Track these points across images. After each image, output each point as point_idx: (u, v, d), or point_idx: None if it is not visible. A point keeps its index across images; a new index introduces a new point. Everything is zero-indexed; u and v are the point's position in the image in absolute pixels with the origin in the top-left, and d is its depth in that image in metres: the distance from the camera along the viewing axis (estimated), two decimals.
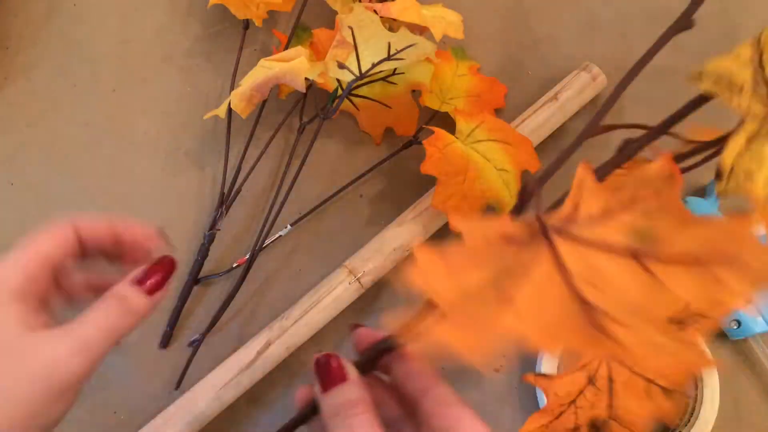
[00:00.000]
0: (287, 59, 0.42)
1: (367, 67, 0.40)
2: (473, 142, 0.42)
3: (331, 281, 0.42)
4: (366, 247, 0.43)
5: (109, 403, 0.44)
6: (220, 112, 0.43)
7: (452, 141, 0.41)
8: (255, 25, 0.50)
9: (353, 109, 0.48)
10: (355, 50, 0.40)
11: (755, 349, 0.44)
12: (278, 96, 0.50)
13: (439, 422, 0.26)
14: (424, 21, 0.44)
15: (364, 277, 0.42)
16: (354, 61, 0.40)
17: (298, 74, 0.40)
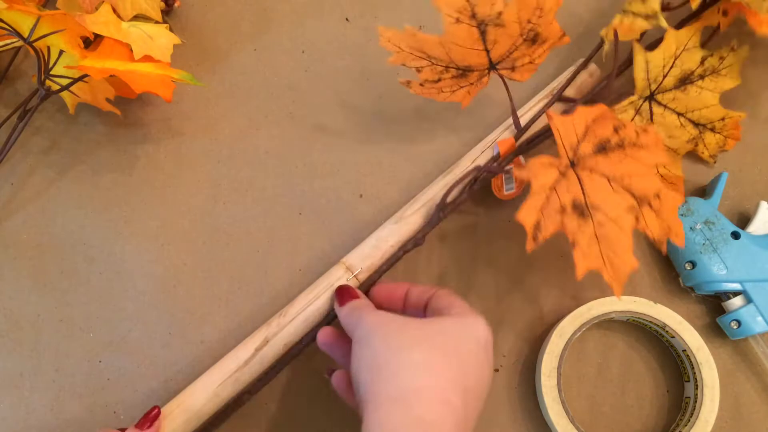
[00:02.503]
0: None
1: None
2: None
3: (329, 278, 0.42)
4: (363, 244, 0.43)
5: (109, 403, 0.44)
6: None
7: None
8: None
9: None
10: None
11: (755, 349, 0.44)
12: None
13: (438, 302, 0.37)
14: (126, 38, 0.45)
15: (362, 274, 0.42)
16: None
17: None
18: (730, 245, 0.44)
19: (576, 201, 0.37)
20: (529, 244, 0.36)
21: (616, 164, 0.38)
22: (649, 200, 0.38)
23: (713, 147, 0.46)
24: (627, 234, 0.37)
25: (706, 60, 0.44)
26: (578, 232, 0.37)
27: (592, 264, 0.37)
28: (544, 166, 0.37)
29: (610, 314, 0.44)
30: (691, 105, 0.44)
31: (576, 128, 0.38)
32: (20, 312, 0.46)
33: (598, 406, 0.45)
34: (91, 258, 0.47)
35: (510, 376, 0.45)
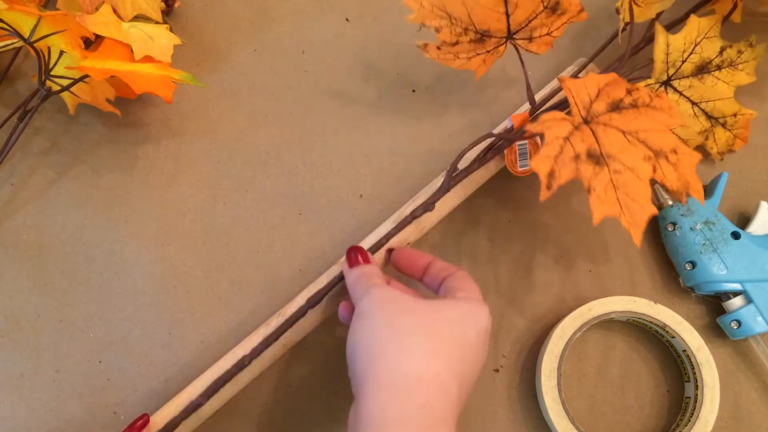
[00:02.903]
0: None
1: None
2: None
3: (330, 277, 0.42)
4: (362, 244, 0.43)
5: (109, 403, 0.44)
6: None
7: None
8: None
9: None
10: None
11: (755, 349, 0.44)
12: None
13: (453, 283, 0.38)
14: (126, 38, 0.45)
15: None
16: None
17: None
18: (730, 245, 0.44)
19: (591, 150, 0.37)
20: (543, 193, 0.35)
21: (630, 120, 0.38)
22: (665, 154, 0.38)
23: (722, 144, 0.46)
24: (644, 182, 0.37)
25: (725, 51, 0.44)
26: (594, 178, 0.36)
27: (609, 210, 0.36)
28: (558, 120, 0.36)
29: (610, 314, 0.44)
30: (706, 95, 0.44)
31: (589, 90, 0.38)
32: (20, 312, 0.46)
33: (598, 407, 0.45)
34: (91, 258, 0.47)
35: (510, 376, 0.45)
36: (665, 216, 0.46)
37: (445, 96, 0.51)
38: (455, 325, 0.34)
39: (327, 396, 0.45)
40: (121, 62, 0.44)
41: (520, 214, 0.48)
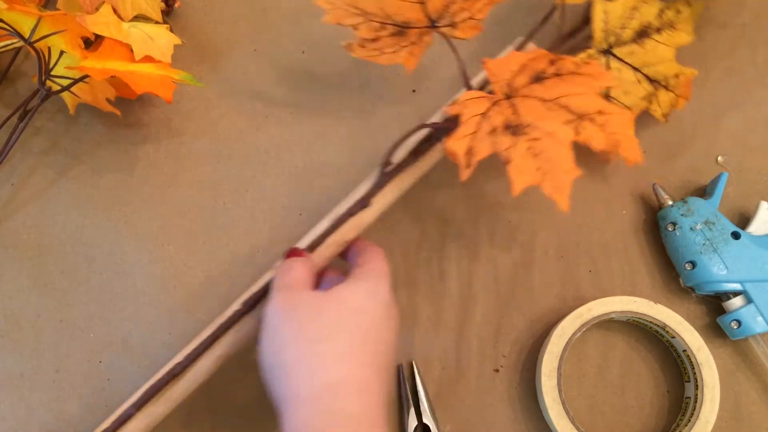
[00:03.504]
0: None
1: None
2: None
3: (265, 281, 0.40)
4: (299, 244, 0.41)
5: (109, 403, 0.44)
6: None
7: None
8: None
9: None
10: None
11: (755, 349, 0.44)
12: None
13: (353, 257, 0.39)
14: (126, 38, 0.45)
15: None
16: None
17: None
18: (730, 245, 0.44)
19: (508, 121, 0.36)
20: (462, 173, 0.35)
21: (551, 88, 0.37)
22: (590, 116, 0.37)
23: (666, 105, 0.46)
24: (566, 145, 0.36)
25: (664, 12, 0.43)
26: (512, 149, 0.36)
27: (529, 179, 0.35)
28: (475, 99, 0.36)
29: (610, 314, 0.44)
30: (647, 59, 0.43)
31: (511, 67, 0.37)
32: (20, 312, 0.46)
33: (598, 407, 0.45)
34: (91, 258, 0.47)
35: (510, 376, 0.45)
36: (665, 216, 0.46)
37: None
38: (360, 312, 0.33)
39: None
40: (121, 62, 0.44)
41: (520, 214, 0.48)
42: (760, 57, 0.51)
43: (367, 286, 0.35)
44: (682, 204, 0.45)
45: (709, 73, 0.50)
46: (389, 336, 0.34)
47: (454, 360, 0.45)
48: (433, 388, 0.45)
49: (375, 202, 0.41)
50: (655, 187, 0.47)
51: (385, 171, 0.41)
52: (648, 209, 0.48)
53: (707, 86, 0.50)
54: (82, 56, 0.43)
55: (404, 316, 0.46)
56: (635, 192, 0.48)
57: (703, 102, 0.50)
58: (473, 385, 0.45)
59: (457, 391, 0.45)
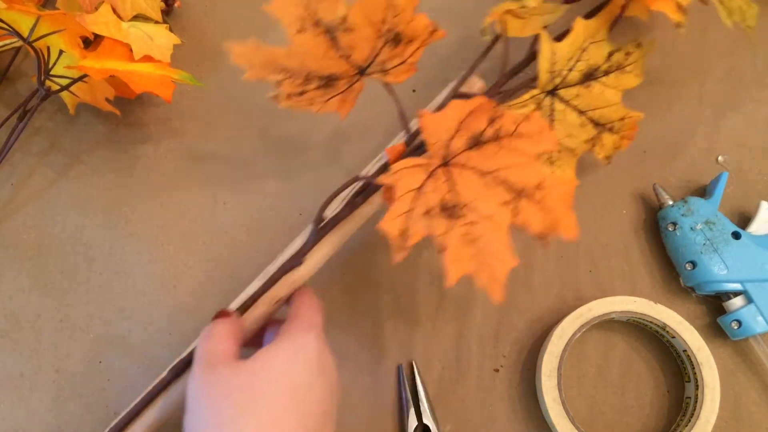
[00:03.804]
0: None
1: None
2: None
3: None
4: (231, 305, 0.40)
5: (109, 403, 0.44)
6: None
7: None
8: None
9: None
10: None
11: (755, 349, 0.44)
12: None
13: (289, 312, 0.38)
14: (125, 38, 0.44)
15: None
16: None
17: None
18: (730, 245, 0.44)
19: (444, 201, 0.34)
20: (396, 255, 0.33)
21: (489, 158, 0.35)
22: (529, 192, 0.35)
23: (609, 148, 0.43)
24: (503, 231, 0.35)
25: (613, 55, 0.41)
26: (447, 235, 0.34)
27: (465, 268, 0.34)
28: (410, 169, 0.34)
29: (611, 314, 0.44)
30: (593, 103, 0.41)
31: (448, 123, 0.35)
32: (20, 312, 0.46)
33: (598, 407, 0.45)
34: (91, 258, 0.47)
35: (510, 376, 0.45)
36: (665, 216, 0.46)
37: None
38: (279, 379, 0.31)
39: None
40: (121, 62, 0.44)
41: None
42: (760, 57, 0.51)
43: (287, 347, 0.33)
44: (682, 204, 0.45)
45: (709, 73, 0.50)
46: (321, 394, 0.32)
47: (454, 360, 0.45)
48: (433, 388, 0.45)
49: (309, 258, 0.39)
50: (655, 187, 0.47)
51: (318, 227, 0.39)
52: (648, 209, 0.48)
53: (707, 86, 0.50)
54: (82, 56, 0.43)
55: (404, 316, 0.46)
56: (635, 192, 0.48)
57: (703, 102, 0.50)
58: (473, 385, 0.45)
59: (457, 391, 0.45)
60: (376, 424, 0.44)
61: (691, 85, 0.50)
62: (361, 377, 0.45)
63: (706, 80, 0.50)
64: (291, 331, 0.35)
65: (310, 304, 0.37)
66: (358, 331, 0.46)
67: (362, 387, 0.45)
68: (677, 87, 0.50)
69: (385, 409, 0.44)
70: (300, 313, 0.37)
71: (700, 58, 0.50)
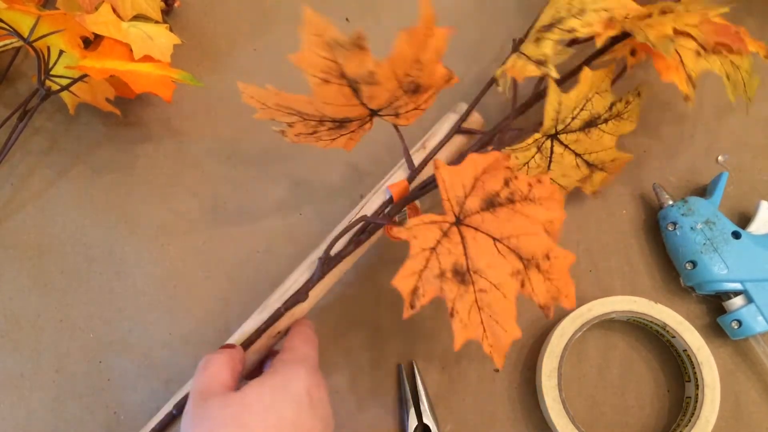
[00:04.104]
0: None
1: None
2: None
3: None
4: (232, 339, 0.40)
5: (109, 403, 0.44)
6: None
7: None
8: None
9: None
10: None
11: (755, 349, 0.44)
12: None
13: (286, 342, 0.38)
14: (125, 38, 0.44)
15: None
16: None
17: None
18: (730, 245, 0.44)
19: (457, 265, 0.35)
20: (406, 312, 0.34)
21: (504, 222, 0.36)
22: (537, 262, 0.36)
23: (596, 184, 0.45)
24: (511, 301, 0.35)
25: (615, 105, 0.43)
26: (458, 299, 0.35)
27: (471, 334, 0.35)
28: (426, 226, 0.34)
29: (611, 314, 0.44)
30: (590, 147, 0.43)
31: (464, 180, 0.35)
32: (20, 312, 0.46)
33: (598, 406, 0.45)
34: (91, 258, 0.47)
35: (510, 376, 0.45)
36: (665, 216, 0.46)
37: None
38: (269, 410, 0.32)
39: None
40: (121, 62, 0.44)
41: None
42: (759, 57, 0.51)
43: (273, 382, 0.33)
44: (682, 204, 0.45)
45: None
46: (310, 429, 0.32)
47: (454, 360, 0.45)
48: (433, 388, 0.45)
49: (311, 292, 0.40)
50: (655, 187, 0.47)
51: (324, 263, 0.40)
52: (648, 209, 0.48)
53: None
54: (82, 56, 0.43)
55: None
56: (635, 192, 0.48)
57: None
58: (473, 385, 0.45)
59: (457, 391, 0.45)
60: (376, 424, 0.44)
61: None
62: (361, 377, 0.45)
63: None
64: (281, 364, 0.35)
65: (305, 338, 0.38)
66: (359, 331, 0.46)
67: (362, 387, 0.45)
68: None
69: (385, 409, 0.44)
70: (294, 345, 0.37)
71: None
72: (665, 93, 0.50)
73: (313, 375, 0.34)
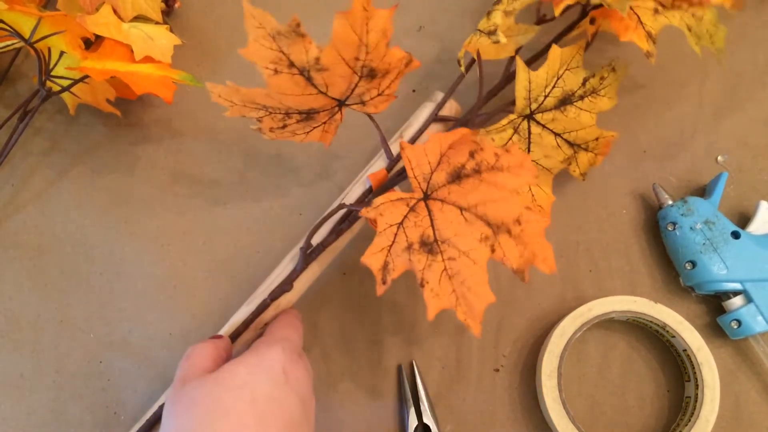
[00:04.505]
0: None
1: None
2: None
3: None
4: (222, 330, 0.41)
5: (109, 403, 0.44)
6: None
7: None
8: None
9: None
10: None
11: (755, 349, 0.44)
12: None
13: (272, 323, 0.39)
14: (126, 38, 0.45)
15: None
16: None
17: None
18: (730, 245, 0.44)
19: (424, 237, 0.35)
20: (379, 288, 0.34)
21: (470, 192, 0.36)
22: (508, 227, 0.36)
23: (584, 165, 0.45)
24: (482, 267, 0.36)
25: (588, 81, 0.42)
26: (427, 270, 0.35)
27: (444, 303, 0.35)
28: (393, 203, 0.35)
29: (611, 314, 0.44)
30: (569, 126, 0.42)
31: (429, 157, 0.36)
32: (20, 312, 0.46)
33: (598, 406, 0.45)
34: (91, 258, 0.47)
35: (510, 376, 0.45)
36: (665, 216, 0.46)
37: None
38: (243, 387, 0.32)
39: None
40: (122, 63, 0.44)
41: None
42: (760, 57, 0.51)
43: (250, 360, 0.33)
44: (682, 204, 0.45)
45: (709, 73, 0.50)
46: (286, 406, 0.32)
47: (454, 360, 0.45)
48: (433, 388, 0.45)
49: (296, 283, 0.40)
50: (655, 187, 0.47)
51: (307, 253, 0.40)
52: (648, 209, 0.48)
53: (707, 86, 0.50)
54: (82, 57, 0.43)
55: (404, 316, 0.46)
56: (635, 192, 0.48)
57: (703, 102, 0.50)
58: (473, 385, 0.45)
59: (457, 391, 0.45)
60: (376, 424, 0.44)
61: (691, 85, 0.50)
62: (361, 377, 0.45)
63: (706, 80, 0.50)
64: (259, 344, 0.35)
65: (287, 323, 0.38)
66: (359, 331, 0.46)
67: (362, 387, 0.45)
68: (677, 87, 0.50)
69: (385, 409, 0.44)
70: (274, 329, 0.37)
71: (700, 58, 0.50)
72: (665, 93, 0.50)
73: (291, 353, 0.35)
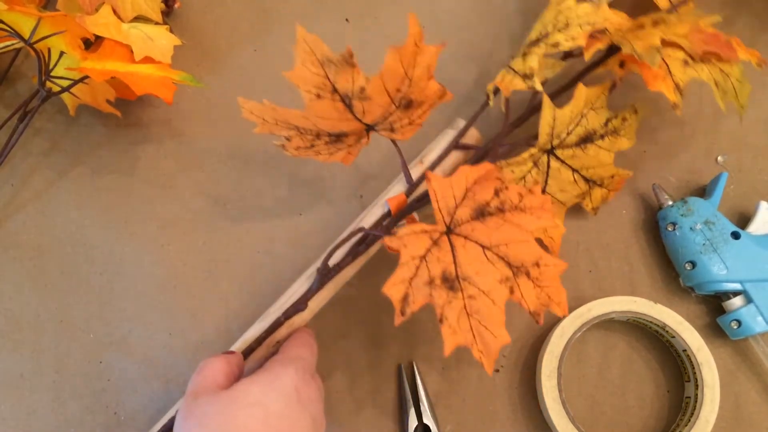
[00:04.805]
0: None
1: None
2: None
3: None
4: (234, 346, 0.41)
5: (109, 403, 0.44)
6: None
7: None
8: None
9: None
10: None
11: (755, 349, 0.44)
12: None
13: (283, 345, 0.39)
14: (126, 39, 0.45)
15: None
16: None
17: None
18: (730, 245, 0.44)
19: (446, 273, 0.35)
20: (397, 318, 0.34)
21: (493, 231, 0.36)
22: (527, 269, 0.36)
23: (597, 200, 0.45)
24: (500, 307, 0.36)
25: (610, 122, 0.43)
26: (447, 306, 0.35)
27: (461, 340, 0.35)
28: (417, 235, 0.35)
29: (611, 314, 0.44)
30: (587, 163, 0.43)
31: (455, 190, 0.36)
32: (20, 313, 0.46)
33: (598, 407, 0.45)
34: (91, 259, 0.47)
35: (510, 376, 0.45)
36: (665, 216, 0.46)
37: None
38: (256, 405, 0.32)
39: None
40: (121, 63, 0.44)
41: None
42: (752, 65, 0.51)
43: (262, 378, 0.33)
44: (682, 204, 0.45)
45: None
46: (297, 425, 0.32)
47: (454, 360, 0.45)
48: (433, 388, 0.45)
49: (310, 303, 0.40)
50: (655, 187, 0.47)
51: (323, 274, 0.40)
52: (648, 209, 0.48)
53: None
54: (82, 57, 0.43)
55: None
56: (635, 192, 0.48)
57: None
58: (473, 385, 0.45)
59: (457, 391, 0.45)
60: (376, 425, 0.44)
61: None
62: (361, 378, 0.45)
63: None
64: (273, 363, 0.35)
65: (301, 342, 0.38)
66: (359, 332, 0.46)
67: (362, 387, 0.45)
68: None
69: (385, 410, 0.44)
70: (288, 348, 0.38)
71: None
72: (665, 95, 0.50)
73: (303, 374, 0.35)
